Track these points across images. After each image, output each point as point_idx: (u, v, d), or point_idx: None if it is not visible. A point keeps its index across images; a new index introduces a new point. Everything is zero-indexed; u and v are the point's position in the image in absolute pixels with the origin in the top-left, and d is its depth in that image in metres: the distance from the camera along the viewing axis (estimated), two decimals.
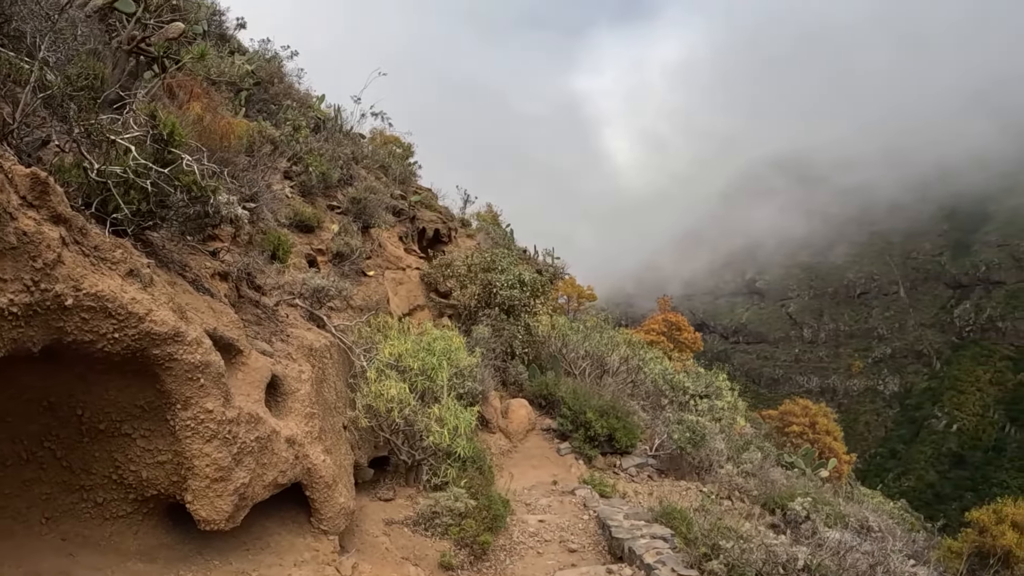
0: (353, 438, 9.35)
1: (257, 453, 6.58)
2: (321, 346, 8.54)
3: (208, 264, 7.57)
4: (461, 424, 9.28)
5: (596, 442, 16.98)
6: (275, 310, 8.68)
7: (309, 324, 9.67)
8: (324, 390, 8.30)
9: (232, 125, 10.65)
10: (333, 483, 7.61)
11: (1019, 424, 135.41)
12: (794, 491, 16.40)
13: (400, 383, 9.24)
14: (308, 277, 10.11)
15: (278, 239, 11.18)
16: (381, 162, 24.81)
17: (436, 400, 9.86)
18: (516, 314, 21.21)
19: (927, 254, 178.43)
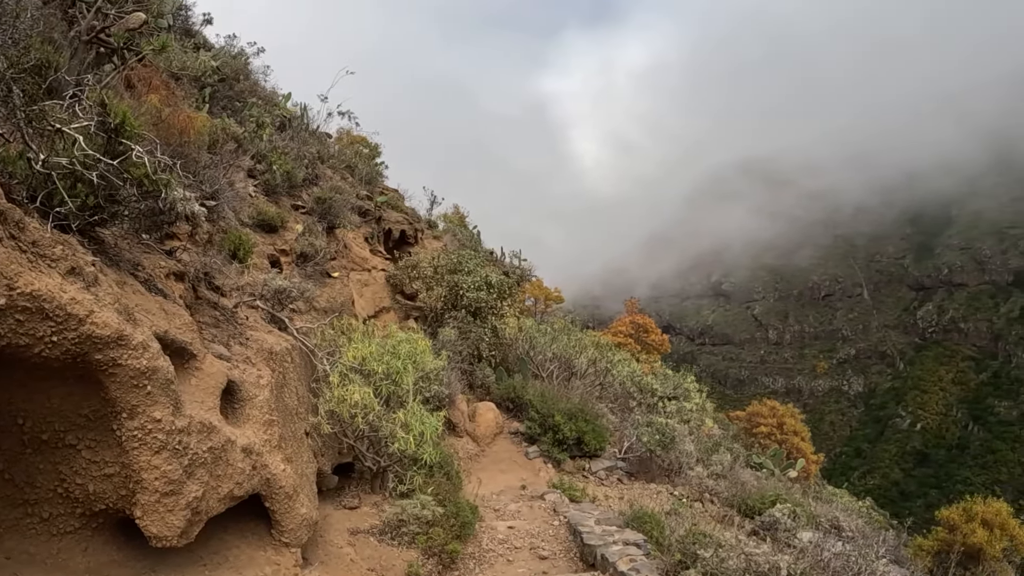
0: (316, 445, 9.01)
1: (210, 465, 6.22)
2: (282, 350, 8.20)
3: (163, 264, 7.20)
4: (427, 430, 8.96)
5: (565, 445, 16.75)
6: (234, 312, 8.33)
7: (270, 327, 9.32)
8: (285, 395, 7.96)
9: (192, 119, 10.25)
10: (294, 493, 7.28)
11: (982, 423, 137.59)
12: (765, 492, 16.30)
13: (364, 388, 8.90)
14: (269, 278, 9.75)
15: (239, 239, 10.82)
16: (347, 162, 24.45)
17: (401, 405, 9.52)
18: (483, 316, 20.93)
19: (891, 257, 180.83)
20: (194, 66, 17.20)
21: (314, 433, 8.88)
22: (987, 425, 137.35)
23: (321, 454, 9.20)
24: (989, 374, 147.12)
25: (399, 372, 9.36)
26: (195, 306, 7.78)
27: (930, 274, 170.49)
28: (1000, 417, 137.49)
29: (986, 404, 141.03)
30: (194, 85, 17.32)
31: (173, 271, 7.24)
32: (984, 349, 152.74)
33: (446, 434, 15.90)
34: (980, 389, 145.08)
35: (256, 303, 9.59)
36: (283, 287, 9.58)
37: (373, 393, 8.99)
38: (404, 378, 9.42)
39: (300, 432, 8.31)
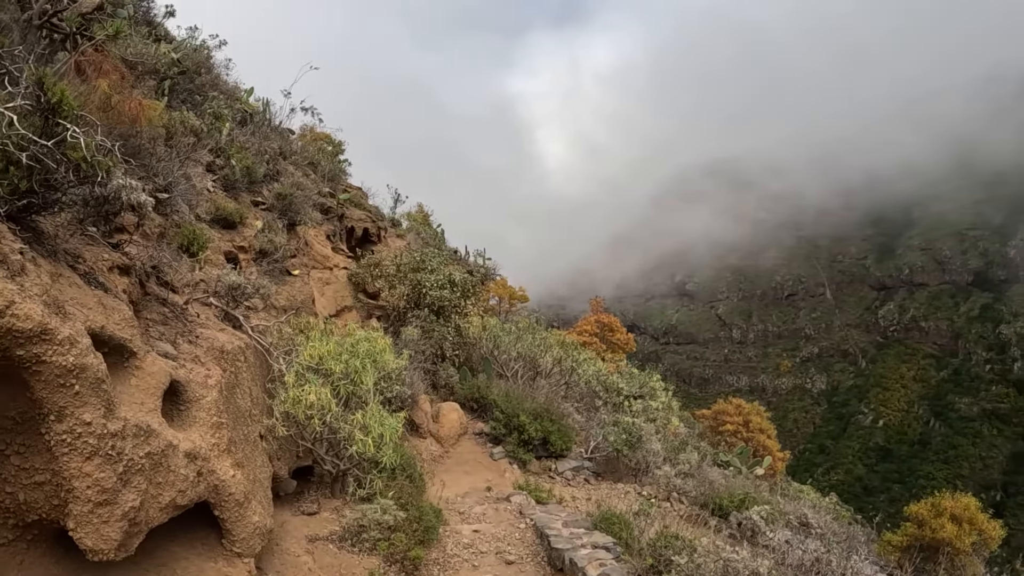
0: (271, 448, 8.59)
1: (149, 471, 5.79)
2: (234, 348, 7.78)
3: (107, 257, 6.74)
4: (387, 432, 8.55)
5: (530, 446, 16.43)
6: (184, 309, 7.90)
7: (223, 325, 8.90)
8: (237, 396, 7.54)
9: (144, 107, 9.80)
10: (245, 500, 6.87)
11: (943, 419, 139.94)
12: (734, 491, 16.11)
13: (321, 388, 8.49)
14: (223, 274, 9.31)
15: (193, 233, 10.38)
16: (310, 159, 23.93)
17: (361, 406, 9.11)
18: (446, 315, 20.59)
19: (853, 257, 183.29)
20: (153, 56, 16.70)
21: (269, 436, 8.45)
22: (948, 421, 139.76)
23: (277, 458, 8.79)
24: (950, 371, 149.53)
25: (358, 372, 8.95)
26: (142, 302, 7.35)
27: (891, 274, 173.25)
28: (961, 413, 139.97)
29: (947, 401, 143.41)
30: (153, 77, 16.85)
31: (118, 265, 6.79)
32: (944, 347, 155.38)
33: (409, 435, 15.52)
34: (941, 386, 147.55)
35: (210, 300, 9.16)
36: (237, 283, 9.14)
37: (331, 394, 8.58)
38: (363, 378, 9.01)
39: (254, 435, 7.90)
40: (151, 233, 9.37)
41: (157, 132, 11.36)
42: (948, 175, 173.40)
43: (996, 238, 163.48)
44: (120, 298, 6.20)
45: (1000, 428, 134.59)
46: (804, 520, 17.92)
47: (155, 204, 10.54)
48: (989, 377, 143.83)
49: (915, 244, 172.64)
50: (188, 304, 8.05)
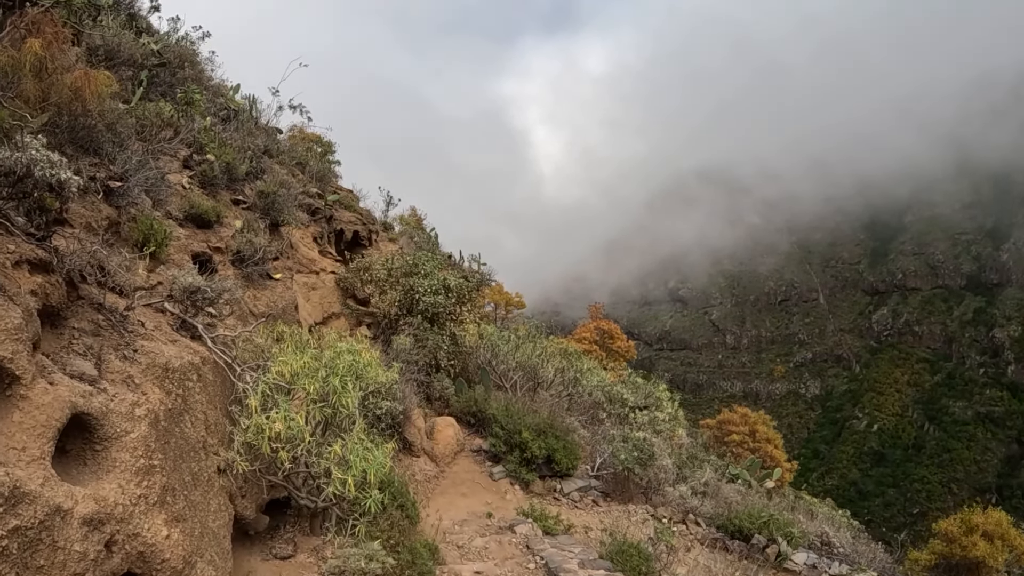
0: (233, 485, 7.22)
1: (17, 555, 4.22)
2: (184, 365, 6.42)
3: (12, 248, 5.35)
4: (371, 469, 7.12)
5: (533, 464, 15.03)
6: (125, 316, 6.54)
7: (178, 335, 7.54)
8: (184, 425, 6.17)
9: (91, 77, 8.45)
10: (186, 566, 5.43)
11: (937, 423, 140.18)
12: (752, 511, 14.83)
13: (291, 413, 7.10)
14: (179, 274, 7.95)
15: (150, 227, 9.01)
16: (298, 158, 22.73)
17: (343, 433, 7.71)
18: (441, 322, 19.31)
19: (846, 263, 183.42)
20: (130, 45, 15.58)
21: (232, 471, 7.07)
22: (942, 425, 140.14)
23: (242, 495, 7.41)
24: (943, 375, 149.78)
25: (337, 392, 7.56)
26: (70, 308, 6.01)
27: (884, 279, 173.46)
28: (955, 417, 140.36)
29: (941, 404, 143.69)
30: (130, 67, 15.70)
31: (28, 259, 5.39)
32: (938, 351, 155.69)
33: (401, 455, 14.18)
34: (935, 390, 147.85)
35: (164, 305, 7.80)
36: (195, 285, 7.78)
37: (305, 419, 7.20)
38: (344, 399, 7.62)
39: (208, 471, 6.53)
40: (97, 226, 8.01)
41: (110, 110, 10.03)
42: (941, 179, 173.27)
43: (988, 242, 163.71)
44: (18, 302, 4.79)
45: (994, 431, 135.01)
46: (826, 539, 16.77)
47: (105, 193, 9.27)
48: (983, 381, 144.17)
49: (908, 249, 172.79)
50: (131, 310, 6.68)
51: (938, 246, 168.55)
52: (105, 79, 9.03)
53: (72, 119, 8.94)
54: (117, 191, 9.22)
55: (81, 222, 7.87)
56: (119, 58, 15.70)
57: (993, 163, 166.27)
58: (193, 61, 20.77)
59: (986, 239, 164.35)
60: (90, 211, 8.31)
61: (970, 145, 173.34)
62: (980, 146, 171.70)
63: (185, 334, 7.67)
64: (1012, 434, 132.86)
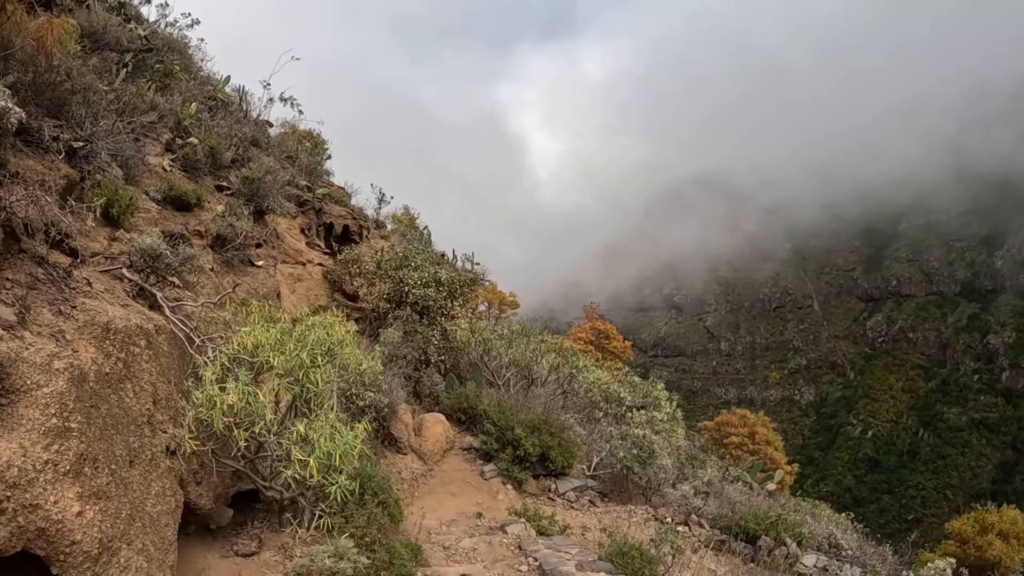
0: (185, 468, 6.40)
1: None
2: (130, 327, 5.64)
3: None
4: (338, 450, 6.26)
5: (527, 463, 14.23)
6: (69, 272, 5.78)
7: (135, 302, 6.78)
8: (123, 395, 5.37)
9: (54, 27, 7.70)
10: (105, 550, 4.60)
11: (931, 429, 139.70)
12: (758, 513, 14.06)
13: (250, 387, 6.27)
14: (136, 237, 7.18)
15: (114, 192, 8.25)
16: (288, 152, 22.07)
17: (311, 413, 6.87)
18: (431, 316, 18.53)
19: (840, 269, 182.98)
20: (116, 28, 15.23)
21: (182, 452, 6.24)
22: (937, 431, 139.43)
23: (196, 480, 6.59)
24: (938, 382, 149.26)
25: (306, 367, 6.72)
26: (6, 259, 5.27)
27: (879, 285, 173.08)
28: (949, 423, 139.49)
29: (935, 411, 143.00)
30: (115, 50, 15.16)
31: None
32: (932, 358, 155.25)
33: (386, 451, 13.41)
34: (929, 396, 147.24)
35: (122, 271, 7.03)
36: (154, 248, 7.00)
37: (269, 396, 6.38)
38: (312, 375, 6.78)
39: (153, 450, 5.73)
40: (54, 185, 7.27)
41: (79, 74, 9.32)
42: (936, 186, 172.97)
43: (983, 248, 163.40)
44: None
45: (989, 437, 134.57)
46: (834, 541, 16.06)
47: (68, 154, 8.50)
48: (977, 387, 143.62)
49: (902, 256, 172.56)
50: (76, 268, 5.93)
51: (933, 253, 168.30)
52: (67, 26, 8.28)
53: (36, 75, 8.23)
54: (80, 152, 8.47)
55: (36, 179, 7.14)
56: (104, 41, 15.38)
57: (989, 170, 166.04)
58: (182, 50, 20.35)
59: (980, 246, 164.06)
60: (47, 168, 7.59)
61: (967, 152, 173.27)
62: (977, 153, 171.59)
63: (143, 302, 6.92)
64: (1007, 440, 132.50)
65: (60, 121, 9.16)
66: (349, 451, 6.27)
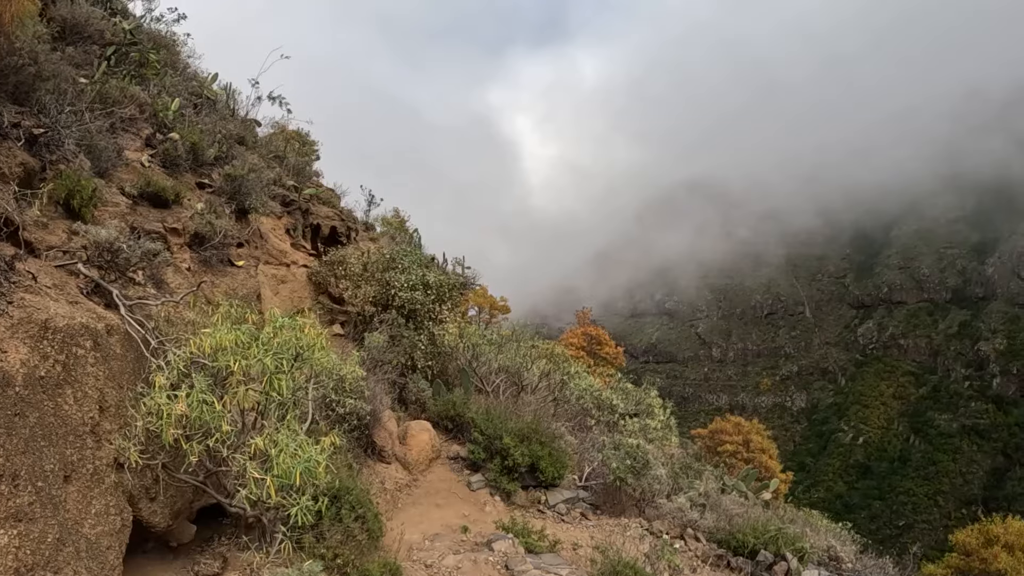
0: (137, 483, 5.80)
1: None
2: (73, 327, 5.07)
3: None
4: (298, 467, 5.63)
5: (516, 473, 13.64)
6: (11, 265, 5.19)
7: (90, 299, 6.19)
8: (61, 401, 4.81)
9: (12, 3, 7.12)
10: None
11: (922, 435, 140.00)
12: (757, 525, 13.47)
13: (206, 395, 5.65)
14: (91, 229, 6.59)
15: (77, 183, 7.66)
16: (276, 151, 21.53)
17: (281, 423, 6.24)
18: (418, 321, 17.98)
19: (831, 276, 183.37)
20: (98, 22, 14.78)
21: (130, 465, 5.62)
22: (928, 437, 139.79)
23: (150, 496, 5.99)
24: (929, 388, 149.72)
25: (269, 373, 6.10)
26: None
27: (870, 292, 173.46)
28: (940, 429, 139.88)
29: (926, 417, 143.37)
30: (97, 44, 14.64)
31: None
32: (923, 364, 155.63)
33: (368, 460, 12.80)
34: (920, 403, 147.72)
35: (77, 266, 6.43)
36: (109, 242, 6.42)
37: (228, 404, 5.76)
38: (277, 382, 6.16)
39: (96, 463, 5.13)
40: (10, 174, 6.68)
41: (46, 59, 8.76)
42: (927, 193, 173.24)
43: (973, 256, 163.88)
44: None
45: (979, 444, 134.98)
46: (833, 554, 15.50)
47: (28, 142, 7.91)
48: (968, 393, 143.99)
49: (893, 263, 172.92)
50: (18, 260, 5.34)
51: (924, 260, 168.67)
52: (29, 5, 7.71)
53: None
54: (41, 140, 7.88)
55: None
56: (85, 33, 14.47)
57: (981, 178, 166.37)
58: (168, 46, 19.94)
59: (971, 253, 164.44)
60: (3, 156, 6.99)
61: (960, 160, 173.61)
62: (969, 161, 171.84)
63: (98, 300, 6.33)
64: (997, 446, 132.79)
65: (24, 108, 8.60)
66: (312, 469, 5.65)
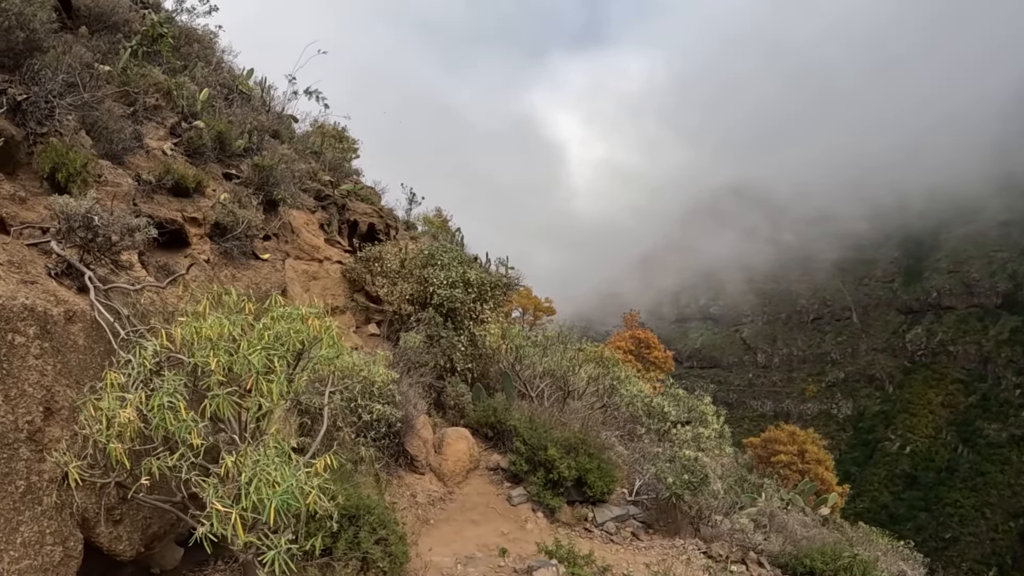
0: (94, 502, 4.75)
1: None
2: (12, 309, 4.04)
3: None
4: (274, 499, 4.41)
5: (560, 488, 12.42)
6: None
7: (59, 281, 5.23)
8: None
9: None
10: None
11: (971, 445, 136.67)
12: (826, 549, 12.17)
13: (173, 398, 4.52)
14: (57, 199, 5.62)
15: (64, 154, 6.70)
16: (313, 147, 20.97)
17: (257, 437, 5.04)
18: (458, 320, 16.92)
19: (879, 281, 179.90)
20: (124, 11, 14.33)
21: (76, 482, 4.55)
22: (976, 447, 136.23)
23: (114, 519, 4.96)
24: (978, 396, 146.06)
25: (255, 373, 4.93)
26: None
27: (919, 297, 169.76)
28: (989, 439, 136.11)
29: (975, 426, 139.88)
30: (121, 33, 14.04)
31: None
32: (973, 372, 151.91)
33: (400, 471, 11.75)
34: (969, 411, 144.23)
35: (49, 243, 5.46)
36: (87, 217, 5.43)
37: (205, 412, 4.64)
38: (267, 384, 4.99)
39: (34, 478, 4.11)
40: None
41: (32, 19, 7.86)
42: (977, 197, 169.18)
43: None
44: None
45: None
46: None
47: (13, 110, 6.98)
48: (1019, 402, 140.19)
49: (943, 267, 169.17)
50: None
51: (973, 264, 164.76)
52: None
53: None
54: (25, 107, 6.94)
55: None
56: (110, 22, 13.98)
57: None
58: (202, 40, 19.50)
59: (1022, 256, 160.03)
60: None
61: (1009, 162, 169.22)
62: (1020, 163, 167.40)
63: (70, 284, 5.35)
64: None
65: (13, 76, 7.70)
66: (291, 501, 4.43)
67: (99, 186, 7.86)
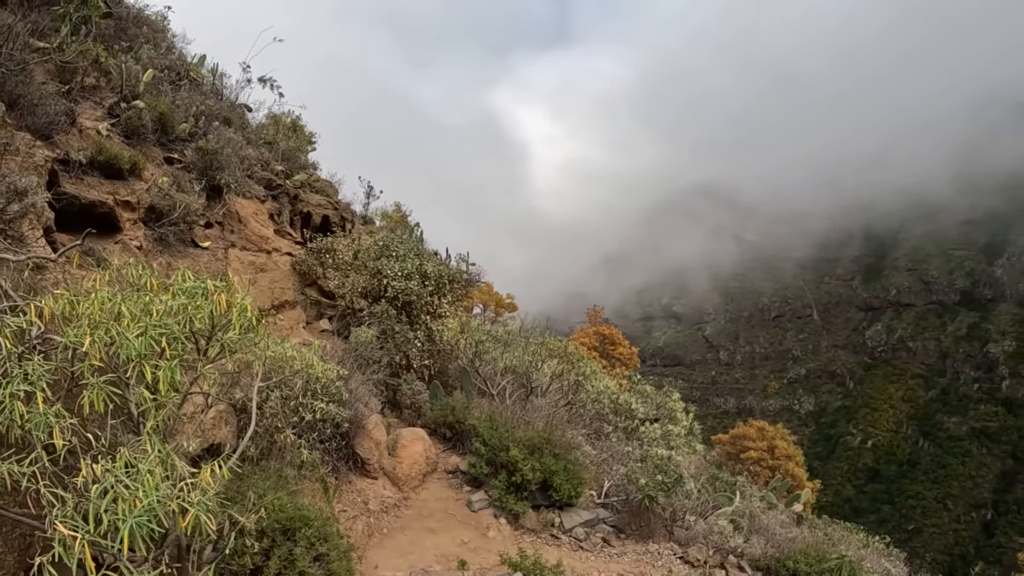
0: None
1: None
2: None
3: None
4: (128, 523, 3.40)
5: (525, 491, 11.49)
6: None
7: None
8: None
9: None
10: None
11: (931, 438, 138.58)
12: (809, 551, 11.39)
13: (32, 387, 3.52)
14: None
15: None
16: (266, 138, 20.23)
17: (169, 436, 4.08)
18: (414, 315, 15.93)
19: (840, 279, 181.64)
20: None
21: None
22: (937, 441, 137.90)
23: None
24: (938, 391, 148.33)
25: (139, 358, 3.94)
26: None
27: (878, 295, 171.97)
28: (949, 433, 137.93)
29: (935, 420, 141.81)
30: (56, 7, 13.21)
31: None
32: (932, 367, 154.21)
33: (350, 475, 10.75)
34: (929, 406, 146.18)
35: None
36: None
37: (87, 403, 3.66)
38: (159, 373, 3.96)
39: None
40: None
41: None
42: (934, 195, 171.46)
43: (982, 258, 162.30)
44: None
45: (989, 447, 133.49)
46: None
47: None
48: (977, 396, 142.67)
49: (902, 265, 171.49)
50: None
51: (932, 262, 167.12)
52: None
53: None
54: None
55: None
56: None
57: (992, 179, 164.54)
58: (151, 23, 18.60)
59: (980, 254, 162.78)
60: None
61: (970, 161, 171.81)
62: (981, 162, 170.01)
63: None
64: (1007, 449, 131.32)
65: None
66: (149, 523, 3.41)
67: (8, 155, 6.86)
